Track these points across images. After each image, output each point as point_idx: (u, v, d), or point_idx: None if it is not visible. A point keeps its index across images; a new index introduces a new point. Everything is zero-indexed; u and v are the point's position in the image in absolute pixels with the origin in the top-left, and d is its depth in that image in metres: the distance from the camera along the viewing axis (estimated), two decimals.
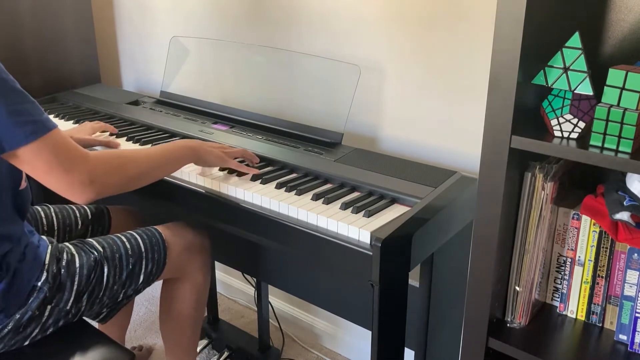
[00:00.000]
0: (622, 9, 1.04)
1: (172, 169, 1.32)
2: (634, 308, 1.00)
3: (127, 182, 1.20)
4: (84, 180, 1.10)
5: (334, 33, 1.65)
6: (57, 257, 1.24)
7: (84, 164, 1.11)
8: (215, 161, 1.35)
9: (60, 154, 1.08)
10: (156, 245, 1.38)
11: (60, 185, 1.10)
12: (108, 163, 1.16)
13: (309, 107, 1.61)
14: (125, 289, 1.33)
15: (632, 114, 0.84)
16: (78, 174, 1.09)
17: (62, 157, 1.08)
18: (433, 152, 1.54)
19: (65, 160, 1.09)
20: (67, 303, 1.23)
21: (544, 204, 1.00)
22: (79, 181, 1.10)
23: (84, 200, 1.12)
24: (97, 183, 1.12)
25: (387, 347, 1.21)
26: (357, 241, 1.12)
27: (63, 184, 1.10)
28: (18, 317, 1.17)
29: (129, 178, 1.20)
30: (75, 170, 1.09)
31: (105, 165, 1.15)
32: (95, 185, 1.12)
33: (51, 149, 1.07)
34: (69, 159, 1.09)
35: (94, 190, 1.12)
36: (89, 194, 1.12)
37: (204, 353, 1.97)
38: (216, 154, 1.35)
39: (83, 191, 1.11)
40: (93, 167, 1.12)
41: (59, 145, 1.09)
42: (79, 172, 1.09)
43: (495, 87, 0.90)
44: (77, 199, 1.12)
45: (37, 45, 2.09)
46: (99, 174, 1.12)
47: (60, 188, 1.10)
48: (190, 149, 1.32)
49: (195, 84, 1.89)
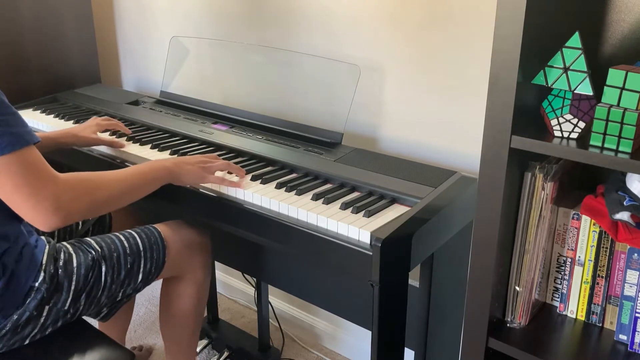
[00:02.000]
0: (622, 9, 1.04)
1: (147, 190, 1.27)
2: (634, 308, 1.00)
3: (96, 208, 1.16)
4: (48, 206, 1.05)
5: (334, 33, 1.65)
6: (55, 256, 1.23)
7: (52, 188, 1.06)
8: (193, 179, 1.31)
9: (31, 172, 1.04)
10: (155, 244, 1.37)
11: (24, 209, 1.05)
12: (76, 189, 1.11)
13: (309, 107, 1.61)
14: (124, 288, 1.33)
15: (632, 114, 0.84)
16: (44, 199, 1.04)
17: (32, 177, 1.04)
18: (433, 152, 1.54)
19: (34, 181, 1.04)
20: (65, 303, 1.23)
21: (544, 204, 1.00)
22: (44, 207, 1.04)
23: (47, 227, 1.07)
24: (63, 210, 1.07)
25: (387, 347, 1.21)
26: (357, 241, 1.12)
27: (27, 208, 1.05)
28: (16, 318, 1.17)
29: (98, 203, 1.15)
30: (41, 195, 1.04)
31: (73, 190, 1.10)
32: (61, 212, 1.06)
33: (23, 165, 1.03)
34: (38, 181, 1.04)
35: (59, 217, 1.07)
36: (54, 221, 1.06)
37: (204, 353, 1.97)
38: (193, 173, 1.30)
39: (47, 218, 1.06)
40: (61, 193, 1.07)
41: (29, 164, 1.04)
42: (45, 197, 1.04)
43: (495, 87, 0.90)
44: (40, 224, 1.07)
45: (37, 45, 2.09)
46: (65, 200, 1.07)
47: (24, 211, 1.06)
48: (166, 170, 1.28)
49: (195, 84, 1.89)
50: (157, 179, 1.27)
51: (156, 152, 1.53)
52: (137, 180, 1.24)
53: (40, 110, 1.91)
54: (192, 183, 1.32)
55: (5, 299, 1.16)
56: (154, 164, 1.29)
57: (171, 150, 1.53)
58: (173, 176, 1.29)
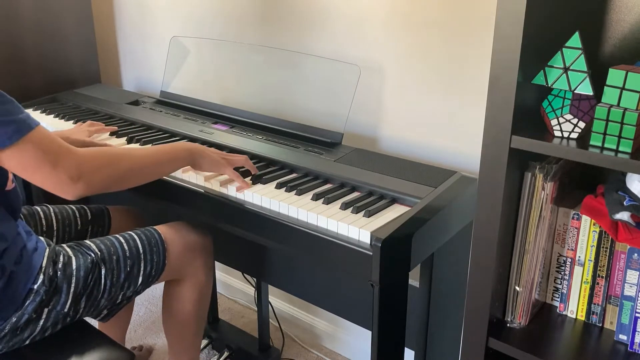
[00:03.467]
0: (622, 9, 1.04)
1: (167, 169, 1.30)
2: (634, 308, 1.00)
3: (117, 179, 1.18)
4: (72, 175, 1.08)
5: (334, 33, 1.65)
6: (54, 259, 1.23)
7: (71, 158, 1.09)
8: (212, 166, 1.32)
9: (46, 150, 1.07)
10: (155, 247, 1.37)
11: (49, 182, 1.09)
12: (97, 159, 1.14)
13: (309, 107, 1.61)
14: (124, 290, 1.33)
15: (632, 114, 0.84)
16: (66, 168, 1.08)
17: (49, 152, 1.07)
18: (433, 152, 1.54)
19: (52, 155, 1.07)
20: (64, 306, 1.22)
21: (544, 204, 1.00)
22: (67, 176, 1.08)
23: (72, 196, 1.11)
24: (86, 178, 1.10)
25: (387, 347, 1.21)
26: (357, 241, 1.12)
27: (51, 180, 1.08)
28: (14, 320, 1.17)
29: (118, 175, 1.18)
30: (62, 165, 1.08)
31: (93, 160, 1.13)
32: (84, 180, 1.10)
33: (37, 146, 1.06)
34: (56, 155, 1.08)
35: (83, 185, 1.10)
36: (78, 190, 1.10)
37: (204, 353, 1.97)
38: (214, 159, 1.32)
39: (71, 186, 1.09)
40: (81, 162, 1.10)
41: (44, 142, 1.07)
42: (67, 167, 1.08)
43: (495, 87, 0.90)
44: (66, 194, 1.10)
45: (37, 45, 2.09)
46: (87, 169, 1.11)
47: (49, 184, 1.09)
48: (187, 151, 1.30)
49: (195, 84, 1.89)
50: (178, 159, 1.29)
51: None
52: (159, 157, 1.26)
53: (40, 110, 1.91)
54: (210, 170, 1.33)
55: (4, 301, 1.15)
56: (177, 145, 1.32)
57: None
58: (194, 159, 1.30)
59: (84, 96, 2.03)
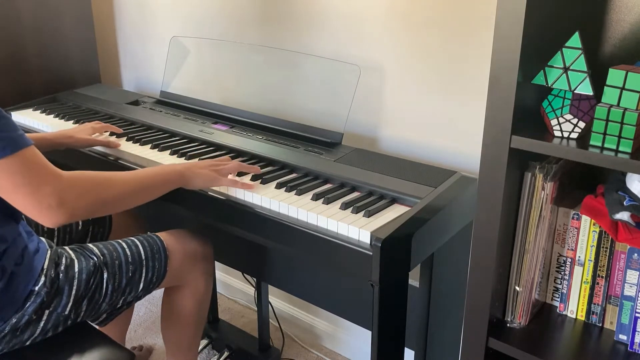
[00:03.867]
0: (622, 9, 1.04)
1: (156, 193, 1.25)
2: (634, 308, 1.00)
3: (102, 206, 1.15)
4: (51, 202, 1.04)
5: (334, 33, 1.65)
6: (56, 261, 1.23)
7: (54, 184, 1.05)
8: (205, 183, 1.29)
9: (29, 173, 1.03)
10: (157, 253, 1.37)
11: (27, 206, 1.04)
12: (81, 185, 1.10)
13: (309, 107, 1.61)
14: (125, 296, 1.33)
15: (632, 114, 0.84)
16: (47, 195, 1.04)
17: (32, 176, 1.03)
18: (433, 152, 1.54)
19: (34, 179, 1.03)
20: (65, 308, 1.22)
21: (544, 204, 1.00)
22: (47, 203, 1.04)
23: (52, 224, 1.06)
24: (67, 206, 1.06)
25: (387, 347, 1.21)
26: (357, 241, 1.12)
27: (29, 205, 1.04)
28: (15, 321, 1.17)
29: (103, 202, 1.14)
30: (43, 191, 1.04)
31: (78, 187, 1.09)
32: (65, 207, 1.06)
33: (20, 167, 1.02)
34: (39, 179, 1.04)
35: (64, 213, 1.06)
36: (58, 217, 1.06)
37: (204, 353, 1.97)
38: (206, 176, 1.28)
39: (51, 214, 1.05)
40: (64, 189, 1.06)
41: (29, 164, 1.04)
42: (47, 193, 1.04)
43: (495, 87, 0.90)
44: (45, 221, 1.06)
45: (37, 45, 2.09)
46: (70, 196, 1.06)
47: (27, 209, 1.05)
48: (177, 174, 1.26)
49: (195, 84, 1.89)
50: (167, 182, 1.26)
51: (156, 152, 1.53)
52: (147, 182, 1.22)
53: (40, 110, 1.91)
54: (204, 187, 1.30)
55: (5, 302, 1.15)
56: (165, 167, 1.28)
57: (171, 150, 1.52)
58: (184, 180, 1.27)
59: (84, 96, 2.03)
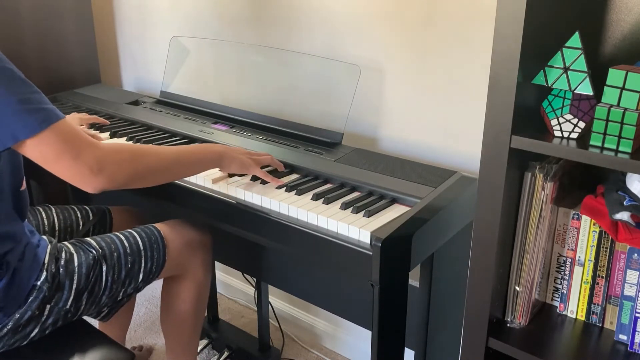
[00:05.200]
0: (622, 9, 1.04)
1: (193, 170, 1.29)
2: (634, 308, 1.00)
3: (139, 176, 1.17)
4: (92, 167, 1.08)
5: (334, 33, 1.65)
6: (56, 256, 1.24)
7: (93, 151, 1.09)
8: (240, 168, 1.31)
9: (70, 142, 1.07)
10: (155, 244, 1.38)
11: (70, 173, 1.08)
12: (119, 153, 1.14)
13: (309, 107, 1.61)
14: (125, 287, 1.33)
15: (632, 114, 0.84)
16: (87, 161, 1.08)
17: (72, 144, 1.07)
18: (433, 152, 1.54)
19: (75, 147, 1.07)
20: (66, 302, 1.23)
21: (544, 204, 1.00)
22: (88, 169, 1.08)
23: (93, 189, 1.10)
24: (107, 172, 1.10)
25: (387, 347, 1.21)
26: (357, 241, 1.12)
27: (72, 172, 1.08)
28: (17, 317, 1.17)
29: (141, 171, 1.17)
30: (84, 158, 1.08)
31: (116, 154, 1.13)
32: (105, 173, 1.10)
33: (61, 137, 1.06)
34: (79, 147, 1.08)
35: (104, 179, 1.10)
36: (99, 183, 1.10)
37: (204, 353, 1.97)
38: (241, 161, 1.31)
39: (92, 179, 1.09)
40: (103, 155, 1.10)
41: (69, 134, 1.08)
42: (88, 159, 1.08)
43: (495, 87, 0.90)
44: (87, 187, 1.10)
45: (37, 45, 2.09)
46: (108, 162, 1.10)
47: (70, 176, 1.09)
48: (217, 154, 1.29)
49: (195, 84, 1.89)
50: (205, 160, 1.28)
51: None
52: (184, 157, 1.25)
53: None
54: (239, 172, 1.33)
55: (8, 298, 1.16)
56: (206, 147, 1.31)
57: None
58: (223, 161, 1.30)
59: (84, 96, 2.03)
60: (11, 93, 1.03)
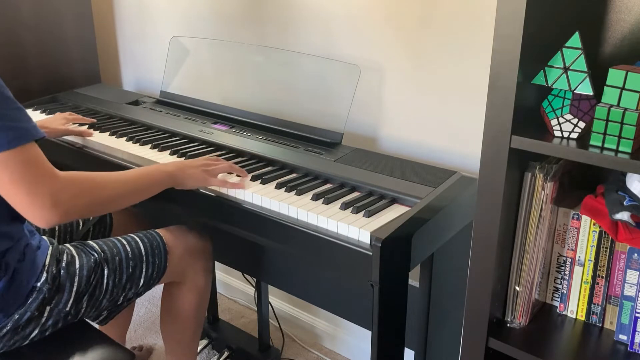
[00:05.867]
0: (622, 9, 1.04)
1: (148, 194, 1.27)
2: (634, 308, 1.00)
3: (95, 207, 1.16)
4: (45, 202, 1.04)
5: (334, 33, 1.65)
6: (57, 258, 1.23)
7: (50, 184, 1.05)
8: (196, 183, 1.31)
9: (27, 170, 1.03)
10: (157, 249, 1.37)
11: (21, 205, 1.05)
12: (76, 186, 1.10)
13: (309, 107, 1.61)
14: (126, 292, 1.33)
15: (632, 114, 0.84)
16: (41, 195, 1.04)
17: (29, 173, 1.03)
18: (433, 152, 1.54)
19: (31, 177, 1.03)
20: (66, 304, 1.23)
21: (544, 204, 1.00)
22: (40, 202, 1.04)
23: (44, 224, 1.06)
24: (61, 206, 1.06)
25: (387, 347, 1.21)
26: (357, 241, 1.12)
27: (23, 204, 1.04)
28: (17, 318, 1.17)
29: (97, 202, 1.15)
30: (39, 190, 1.03)
31: (73, 188, 1.09)
32: (59, 208, 1.06)
33: (25, 161, 1.02)
34: (35, 177, 1.04)
35: (57, 213, 1.06)
36: (51, 217, 1.06)
37: (204, 353, 1.97)
38: (196, 177, 1.30)
39: (43, 213, 1.05)
40: (60, 189, 1.06)
41: (32, 159, 1.04)
42: (42, 192, 1.04)
43: (495, 87, 0.90)
44: (37, 220, 1.06)
45: (37, 45, 2.09)
46: (65, 196, 1.07)
47: (21, 206, 1.05)
48: (168, 174, 1.28)
49: (195, 84, 1.89)
50: (159, 182, 1.27)
51: (156, 152, 1.53)
52: (139, 182, 1.24)
53: (40, 110, 1.91)
54: (195, 187, 1.32)
55: (7, 298, 1.16)
56: (157, 167, 1.30)
57: (171, 150, 1.52)
58: (175, 180, 1.29)
59: (84, 96, 2.03)
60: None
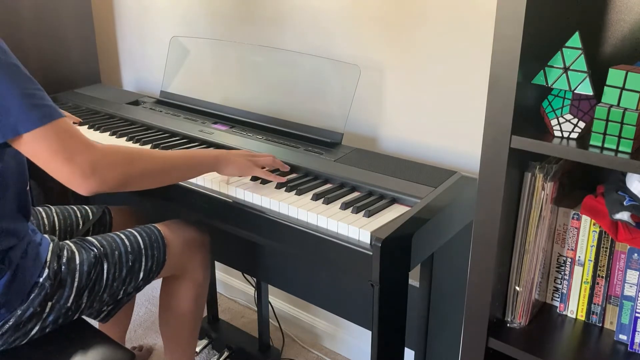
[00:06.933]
0: (622, 9, 1.04)
1: (189, 174, 1.28)
2: (634, 308, 1.00)
3: (133, 179, 1.17)
4: (85, 170, 1.07)
5: (334, 33, 1.65)
6: (58, 254, 1.24)
7: (88, 153, 1.08)
8: (237, 171, 1.31)
9: (65, 141, 1.06)
10: (155, 243, 1.38)
11: (61, 174, 1.08)
12: (113, 157, 1.13)
13: (309, 107, 1.61)
14: (126, 286, 1.34)
15: (632, 114, 0.84)
16: (80, 163, 1.07)
17: (67, 144, 1.06)
18: (433, 152, 1.54)
19: (70, 148, 1.06)
20: (67, 300, 1.23)
21: (544, 204, 1.00)
22: (80, 171, 1.07)
23: (84, 191, 1.09)
24: (99, 175, 1.09)
25: (387, 347, 1.21)
26: (357, 241, 1.12)
27: (64, 173, 1.07)
28: (20, 313, 1.18)
29: (135, 175, 1.16)
30: (77, 159, 1.07)
31: (110, 157, 1.12)
32: (97, 177, 1.08)
33: (60, 135, 1.06)
34: (74, 148, 1.07)
35: (96, 182, 1.09)
36: (90, 185, 1.09)
37: (204, 353, 1.97)
38: (241, 164, 1.30)
39: (83, 182, 1.08)
40: (97, 158, 1.09)
41: (67, 132, 1.07)
42: (81, 161, 1.07)
43: (495, 87, 0.90)
44: (78, 188, 1.09)
45: (37, 45, 2.09)
46: (102, 165, 1.09)
47: (61, 176, 1.08)
48: (213, 158, 1.28)
49: (195, 84, 1.89)
50: (200, 165, 1.28)
51: None
52: (179, 162, 1.25)
53: None
54: (238, 175, 1.32)
55: (11, 294, 1.16)
56: (204, 151, 1.30)
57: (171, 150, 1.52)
58: (219, 165, 1.29)
59: (84, 96, 2.03)
60: (16, 87, 1.03)
